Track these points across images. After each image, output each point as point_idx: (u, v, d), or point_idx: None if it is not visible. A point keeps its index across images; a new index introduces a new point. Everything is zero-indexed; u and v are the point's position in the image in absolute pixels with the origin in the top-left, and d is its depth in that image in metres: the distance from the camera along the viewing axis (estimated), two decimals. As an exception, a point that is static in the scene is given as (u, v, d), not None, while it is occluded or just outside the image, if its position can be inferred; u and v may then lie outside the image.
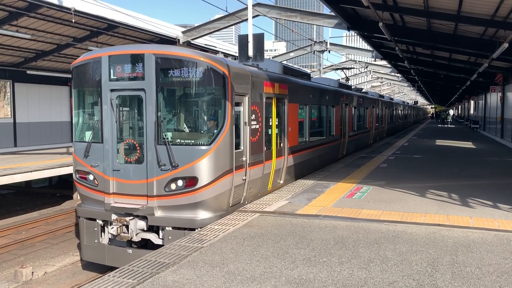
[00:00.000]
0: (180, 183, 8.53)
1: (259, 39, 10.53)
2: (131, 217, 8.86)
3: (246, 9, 17.59)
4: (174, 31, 21.32)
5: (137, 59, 8.79)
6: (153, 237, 8.89)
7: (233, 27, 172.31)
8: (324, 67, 36.40)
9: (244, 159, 9.57)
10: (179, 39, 20.73)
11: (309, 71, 33.27)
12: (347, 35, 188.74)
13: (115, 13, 18.10)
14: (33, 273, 10.37)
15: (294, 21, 20.78)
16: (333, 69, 36.94)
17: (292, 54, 31.97)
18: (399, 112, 44.08)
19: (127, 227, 8.86)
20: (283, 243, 6.97)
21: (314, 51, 31.44)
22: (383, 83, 58.90)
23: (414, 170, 14.87)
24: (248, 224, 8.10)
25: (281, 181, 11.97)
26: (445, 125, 53.64)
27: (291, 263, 6.07)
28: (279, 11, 20.15)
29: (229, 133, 8.85)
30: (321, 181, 12.55)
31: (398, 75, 45.23)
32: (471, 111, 52.53)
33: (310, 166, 14.48)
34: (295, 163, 12.89)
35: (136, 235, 8.88)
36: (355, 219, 8.37)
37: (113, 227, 8.88)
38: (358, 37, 22.63)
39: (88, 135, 9.45)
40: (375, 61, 36.14)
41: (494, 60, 18.68)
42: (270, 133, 11.14)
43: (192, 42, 21.61)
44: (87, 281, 9.64)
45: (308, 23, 20.83)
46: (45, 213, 16.15)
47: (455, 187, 11.71)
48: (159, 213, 8.73)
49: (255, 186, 10.30)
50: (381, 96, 34.39)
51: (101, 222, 9.26)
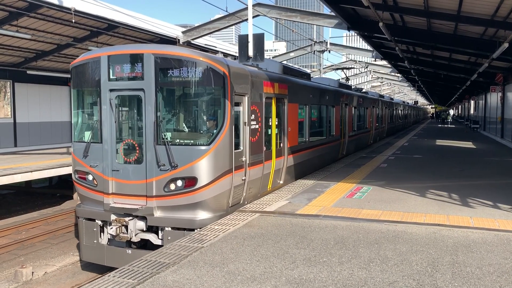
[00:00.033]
0: (179, 183, 8.50)
1: (259, 39, 10.54)
2: (130, 218, 8.84)
3: (246, 9, 17.60)
4: (174, 31, 21.32)
5: (136, 59, 8.76)
6: (152, 238, 8.87)
7: (233, 27, 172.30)
8: (324, 67, 36.40)
9: (243, 159, 9.54)
10: (179, 39, 20.73)
11: (309, 71, 33.27)
12: (347, 35, 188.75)
13: (115, 13, 18.10)
14: (33, 273, 10.37)
15: (294, 21, 20.78)
16: (333, 69, 36.95)
17: (292, 54, 31.99)
18: (399, 112, 44.07)
19: (126, 227, 8.84)
20: (283, 243, 6.97)
21: (314, 51, 31.46)
22: (383, 83, 58.90)
23: (414, 170, 14.87)
24: (248, 224, 8.10)
25: (281, 181, 11.96)
26: (445, 125, 53.60)
27: (291, 263, 6.07)
28: (279, 11, 20.15)
29: (228, 133, 8.82)
30: (321, 181, 12.55)
31: (398, 75, 45.24)
32: (471, 111, 52.52)
33: (310, 166, 14.47)
34: (295, 163, 12.88)
35: (135, 235, 8.87)
36: (355, 219, 8.37)
37: (112, 228, 8.86)
38: (358, 37, 22.64)
39: (87, 135, 9.42)
40: (375, 61, 36.16)
41: (494, 60, 18.69)
42: (269, 133, 11.11)
43: (192, 42, 21.61)
44: (87, 281, 9.64)
45: (308, 23, 20.83)
46: (45, 213, 16.15)
47: (455, 187, 11.71)
48: (158, 214, 8.70)
49: (255, 186, 10.29)
50: (381, 96, 34.38)
51: (100, 222, 9.23)
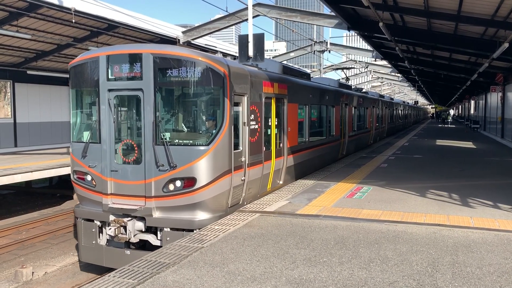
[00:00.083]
0: (178, 183, 8.47)
1: (259, 39, 10.54)
2: (129, 218, 8.80)
3: (246, 9, 17.60)
4: (174, 31, 21.32)
5: (135, 59, 8.72)
6: (151, 238, 8.83)
7: (233, 27, 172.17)
8: (324, 67, 36.40)
9: (243, 159, 9.51)
10: (179, 39, 20.73)
11: (309, 71, 33.27)
12: (347, 35, 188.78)
13: (115, 13, 18.10)
14: (33, 273, 10.37)
15: (294, 21, 20.78)
16: (333, 69, 36.96)
17: (292, 54, 31.99)
18: (400, 112, 44.06)
19: (125, 228, 8.80)
20: (283, 243, 6.97)
21: (314, 51, 31.46)
22: (384, 83, 58.90)
23: (414, 170, 14.86)
24: (248, 224, 8.09)
25: (281, 182, 11.94)
26: (446, 125, 53.57)
27: (291, 263, 6.06)
28: (279, 11, 20.16)
29: (227, 133, 8.78)
30: (321, 181, 12.54)
31: (398, 75, 45.26)
32: (472, 111, 52.51)
33: (309, 166, 14.46)
34: (295, 164, 12.87)
35: (134, 236, 8.83)
36: (355, 219, 8.37)
37: (111, 228, 8.82)
38: (358, 37, 22.63)
39: (86, 135, 9.38)
40: (375, 61, 36.17)
41: (494, 60, 18.68)
42: (269, 133, 11.08)
43: (192, 42, 21.62)
44: (87, 281, 9.64)
45: (308, 23, 20.83)
46: (45, 213, 16.15)
47: (456, 187, 11.70)
48: (157, 214, 8.66)
49: (254, 186, 10.26)
50: (381, 96, 34.37)
51: (99, 223, 9.19)
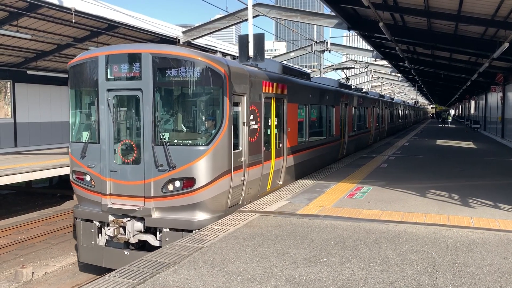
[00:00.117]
0: (177, 184, 8.44)
1: (259, 39, 10.54)
2: (128, 219, 8.78)
3: (246, 9, 17.61)
4: (174, 31, 21.32)
5: (134, 59, 8.70)
6: (150, 239, 8.81)
7: (234, 27, 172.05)
8: (324, 67, 36.40)
9: (242, 159, 9.49)
10: (179, 39, 20.73)
11: (309, 71, 33.27)
12: (348, 35, 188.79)
13: (115, 13, 18.10)
14: (33, 273, 10.37)
15: (294, 21, 20.78)
16: (334, 69, 36.96)
17: (292, 54, 32.00)
18: (400, 112, 44.06)
19: (124, 228, 8.78)
20: (283, 243, 6.97)
21: (314, 51, 31.46)
22: (384, 83, 58.91)
23: (414, 170, 14.86)
24: (248, 224, 8.09)
25: (280, 182, 11.92)
26: (446, 125, 53.55)
27: (291, 263, 6.06)
28: (280, 11, 20.16)
29: (227, 134, 8.76)
30: (322, 181, 12.54)
31: (398, 75, 45.26)
32: (472, 111, 52.50)
33: (309, 166, 14.45)
34: (295, 164, 12.86)
35: (133, 236, 8.81)
36: (355, 219, 8.36)
37: (110, 229, 8.79)
38: (358, 37, 22.62)
39: (85, 136, 9.37)
40: (375, 61, 36.17)
41: (494, 60, 18.68)
42: (269, 133, 11.06)
43: (192, 42, 21.62)
44: (88, 281, 9.64)
45: (308, 23, 20.83)
46: (45, 213, 16.16)
47: (456, 187, 11.70)
48: (156, 215, 8.63)
49: (254, 187, 10.24)
50: (382, 96, 34.36)
51: (98, 223, 9.17)
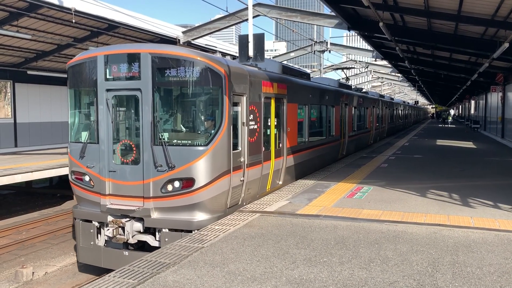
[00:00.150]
0: (176, 184, 8.41)
1: (259, 39, 10.55)
2: (127, 219, 8.75)
3: (246, 9, 17.62)
4: (174, 31, 21.32)
5: (133, 59, 8.67)
6: (149, 239, 8.78)
7: (234, 27, 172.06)
8: (324, 67, 36.41)
9: (242, 159, 9.47)
10: (179, 39, 20.73)
11: (309, 71, 33.28)
12: (348, 35, 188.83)
13: (116, 13, 18.10)
14: (33, 273, 10.37)
15: (294, 21, 20.79)
16: (334, 69, 36.96)
17: (292, 54, 32.00)
18: (400, 112, 44.05)
19: (123, 229, 8.75)
20: (283, 243, 6.97)
21: (314, 51, 31.46)
22: (384, 83, 58.91)
23: (415, 170, 14.86)
24: (248, 224, 8.09)
25: (280, 182, 11.90)
26: (446, 125, 53.55)
27: (291, 263, 6.06)
28: (280, 11, 20.16)
29: (226, 134, 8.74)
30: (322, 181, 12.54)
31: (398, 75, 45.27)
32: (472, 111, 52.50)
33: (309, 166, 14.44)
34: (294, 164, 12.85)
35: (132, 237, 8.79)
36: (355, 219, 8.36)
37: (109, 229, 8.78)
38: (358, 37, 22.62)
39: (84, 136, 9.35)
40: (375, 61, 36.17)
41: (494, 60, 18.68)
42: (268, 133, 11.04)
43: (192, 42, 21.62)
44: (88, 281, 9.64)
45: (308, 23, 20.83)
46: (45, 213, 16.16)
47: (456, 187, 11.70)
48: (155, 215, 8.61)
49: (253, 187, 10.21)
50: (382, 96, 34.36)
51: (97, 224, 9.15)
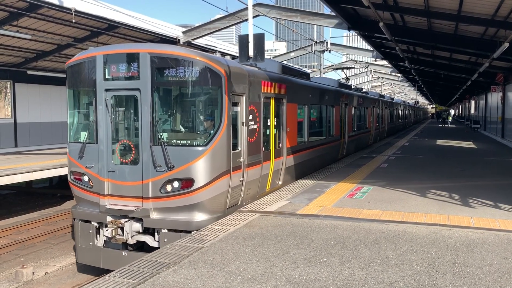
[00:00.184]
0: (176, 184, 8.39)
1: (259, 39, 10.55)
2: (126, 219, 8.73)
3: (246, 9, 17.62)
4: (174, 31, 21.32)
5: (132, 58, 8.64)
6: (148, 240, 8.77)
7: (234, 27, 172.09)
8: (324, 67, 36.40)
9: (241, 160, 9.44)
10: (179, 39, 20.73)
11: (309, 71, 33.30)
12: (348, 35, 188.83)
13: (116, 13, 18.10)
14: (33, 273, 10.37)
15: (294, 21, 20.79)
16: (334, 69, 36.97)
17: (292, 54, 32.00)
18: (400, 112, 44.05)
19: (122, 229, 8.74)
20: (283, 243, 6.97)
21: (314, 51, 31.45)
22: (384, 83, 58.90)
23: (415, 170, 14.86)
24: (248, 224, 8.09)
25: (280, 182, 11.88)
26: (446, 125, 53.54)
27: (291, 263, 6.06)
28: (280, 11, 20.16)
29: (226, 134, 8.71)
30: (322, 181, 12.54)
31: (398, 75, 45.26)
32: (472, 111, 52.49)
33: (309, 166, 14.43)
34: (294, 164, 12.83)
35: (131, 237, 8.77)
36: (355, 219, 8.36)
37: (108, 229, 8.76)
38: (358, 37, 22.62)
39: (82, 136, 9.31)
40: (375, 61, 36.17)
41: (494, 60, 18.67)
42: (268, 133, 11.02)
43: (192, 42, 21.62)
44: (88, 281, 9.64)
45: (308, 23, 20.83)
46: (45, 213, 16.17)
47: (456, 187, 11.70)
48: (154, 215, 8.58)
49: (253, 187, 10.19)
50: (382, 96, 34.35)
51: (96, 224, 9.14)
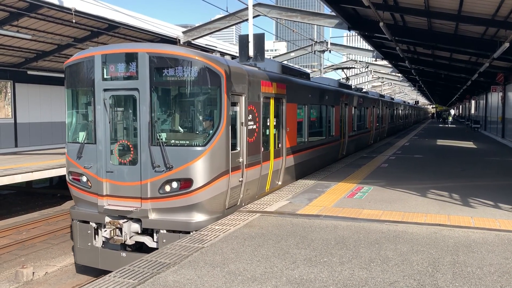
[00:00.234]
0: (174, 185, 8.36)
1: (259, 39, 10.55)
2: (125, 220, 8.71)
3: (246, 9, 17.61)
4: (174, 31, 21.31)
5: (130, 58, 8.60)
6: (147, 240, 8.74)
7: (234, 27, 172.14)
8: (324, 67, 36.39)
9: (240, 160, 9.42)
10: (179, 39, 20.73)
11: (309, 71, 33.28)
12: (348, 35, 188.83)
13: (116, 13, 18.10)
14: (34, 273, 10.37)
15: (294, 21, 20.77)
16: (334, 69, 36.96)
17: (292, 54, 31.99)
18: (400, 112, 44.05)
19: (121, 230, 8.72)
20: (284, 243, 6.97)
21: (314, 51, 31.43)
22: (384, 83, 58.88)
23: (415, 170, 14.86)
24: (248, 224, 8.09)
25: (279, 182, 11.86)
26: (446, 125, 53.54)
27: (292, 263, 6.06)
28: (280, 11, 20.15)
29: (225, 134, 8.68)
30: (322, 181, 12.54)
31: (399, 75, 45.24)
32: (472, 111, 52.49)
33: (309, 166, 14.41)
34: (294, 164, 12.81)
35: (129, 238, 8.74)
36: (356, 219, 8.36)
37: (106, 230, 8.74)
38: (358, 37, 22.62)
39: (81, 136, 9.27)
40: (375, 61, 36.15)
41: (495, 59, 18.66)
42: (267, 133, 10.99)
43: (192, 42, 21.61)
44: (88, 282, 9.64)
45: (308, 23, 20.82)
46: (45, 214, 16.17)
47: (456, 187, 11.70)
48: (153, 216, 8.55)
49: (252, 187, 10.17)
50: (382, 96, 34.33)
51: (94, 224, 9.11)
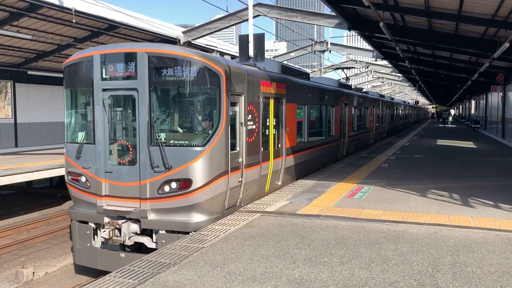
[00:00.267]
0: (173, 185, 8.35)
1: (259, 39, 10.55)
2: (124, 220, 8.69)
3: (246, 9, 17.61)
4: (174, 31, 21.31)
5: (129, 58, 8.58)
6: (146, 241, 8.72)
7: (234, 27, 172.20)
8: (325, 67, 36.39)
9: (240, 160, 9.40)
10: (179, 39, 20.73)
11: (309, 71, 33.29)
12: (348, 35, 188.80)
13: (116, 14, 18.10)
14: (34, 273, 10.38)
15: (294, 21, 20.77)
16: (334, 69, 36.96)
17: (292, 54, 31.99)
18: (400, 112, 44.05)
19: (120, 230, 8.70)
20: (284, 243, 6.97)
21: (314, 51, 31.43)
22: (384, 83, 58.89)
23: (415, 170, 14.86)
24: (249, 224, 8.09)
25: (279, 183, 11.84)
26: (446, 125, 53.55)
27: (292, 263, 6.06)
28: (280, 11, 20.15)
29: (224, 134, 8.66)
30: (322, 181, 12.54)
31: (399, 75, 45.25)
32: (472, 111, 52.49)
33: (309, 167, 14.40)
34: (294, 164, 12.80)
35: (129, 238, 8.73)
36: (356, 219, 8.37)
37: (105, 231, 8.72)
38: (358, 37, 22.62)
39: (80, 136, 9.26)
40: (376, 61, 36.15)
41: (495, 59, 18.66)
42: (267, 133, 10.98)
43: (193, 42, 21.62)
44: (88, 282, 9.64)
45: (308, 23, 20.81)
46: (46, 214, 16.17)
47: (456, 187, 11.70)
48: (152, 216, 8.53)
49: (252, 188, 10.15)
50: (382, 96, 34.32)
51: (93, 225, 9.10)
